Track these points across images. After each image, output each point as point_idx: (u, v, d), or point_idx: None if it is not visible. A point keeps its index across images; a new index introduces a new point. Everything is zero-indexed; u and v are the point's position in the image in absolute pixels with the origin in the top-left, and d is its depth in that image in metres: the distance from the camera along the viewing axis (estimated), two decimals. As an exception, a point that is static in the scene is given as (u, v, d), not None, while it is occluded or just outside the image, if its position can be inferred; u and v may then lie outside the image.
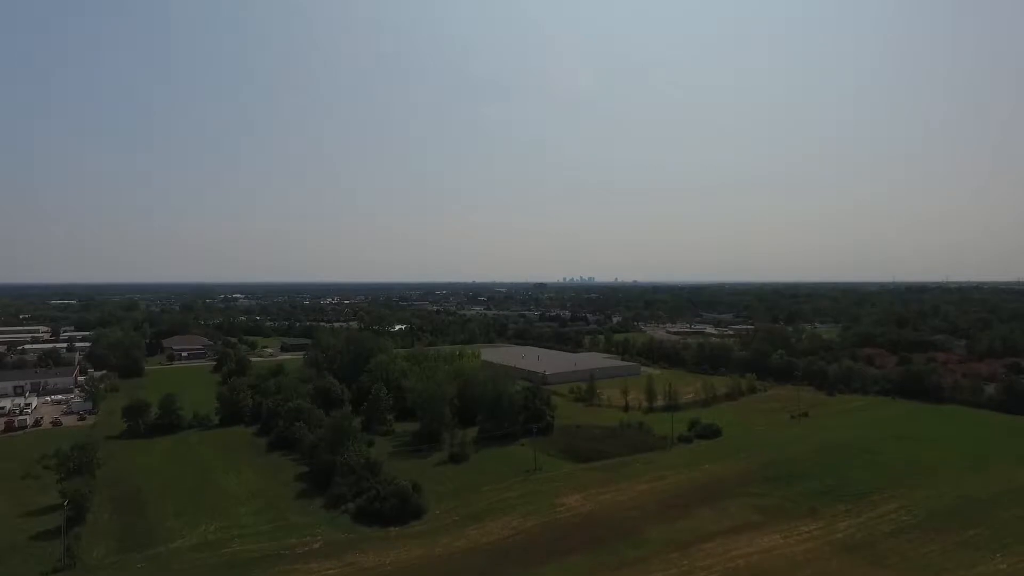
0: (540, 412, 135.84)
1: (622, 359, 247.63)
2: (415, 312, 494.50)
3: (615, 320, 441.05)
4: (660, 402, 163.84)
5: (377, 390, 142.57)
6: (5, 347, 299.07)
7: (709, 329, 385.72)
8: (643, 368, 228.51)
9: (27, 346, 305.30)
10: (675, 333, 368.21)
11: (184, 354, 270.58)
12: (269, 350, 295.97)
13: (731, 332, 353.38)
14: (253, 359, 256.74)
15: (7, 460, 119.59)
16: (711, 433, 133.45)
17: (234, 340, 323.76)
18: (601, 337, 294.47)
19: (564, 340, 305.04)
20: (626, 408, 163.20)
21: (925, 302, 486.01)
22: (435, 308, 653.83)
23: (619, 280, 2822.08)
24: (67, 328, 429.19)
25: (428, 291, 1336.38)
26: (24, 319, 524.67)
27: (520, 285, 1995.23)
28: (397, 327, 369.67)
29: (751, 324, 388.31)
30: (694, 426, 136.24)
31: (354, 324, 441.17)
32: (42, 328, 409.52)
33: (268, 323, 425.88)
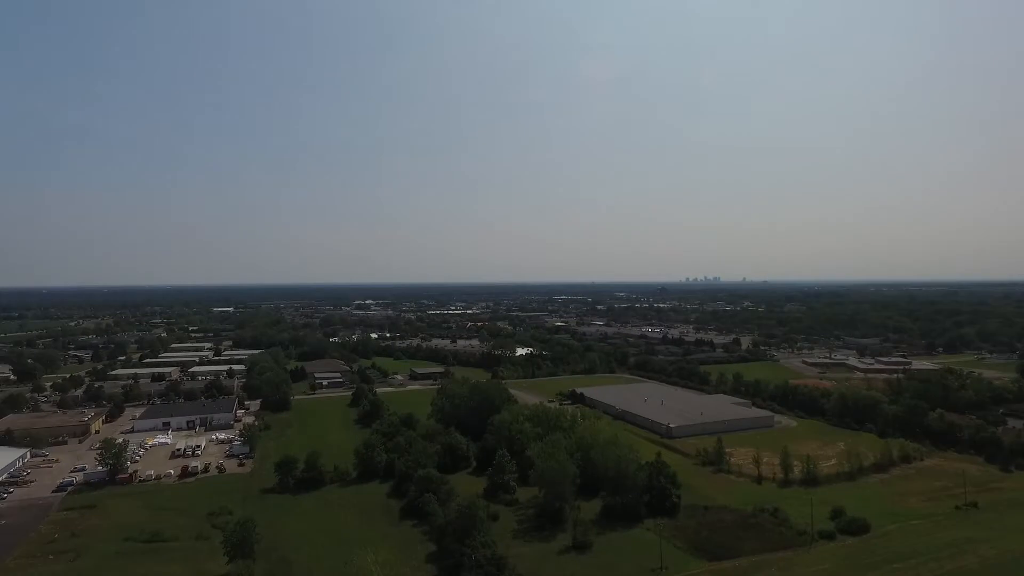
0: (665, 491, 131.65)
1: (752, 404, 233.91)
2: (535, 334, 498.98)
3: (744, 346, 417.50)
4: (797, 473, 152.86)
5: (500, 457, 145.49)
6: (179, 369, 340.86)
7: (852, 360, 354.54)
8: (777, 417, 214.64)
9: (196, 367, 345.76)
10: (812, 364, 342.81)
11: (324, 383, 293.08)
12: (399, 378, 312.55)
13: (878, 366, 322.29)
14: (384, 389, 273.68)
15: (184, 515, 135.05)
16: (858, 528, 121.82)
17: (368, 364, 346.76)
18: (730, 375, 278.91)
19: (688, 375, 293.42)
20: (759, 479, 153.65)
21: None
22: (556, 322, 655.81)
23: (747, 280, 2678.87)
24: (226, 342, 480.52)
25: (549, 296, 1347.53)
26: (192, 332, 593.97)
27: (641, 287, 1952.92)
28: (519, 351, 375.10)
29: (903, 355, 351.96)
30: (838, 517, 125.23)
31: (476, 343, 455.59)
32: (207, 345, 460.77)
33: (398, 344, 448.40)
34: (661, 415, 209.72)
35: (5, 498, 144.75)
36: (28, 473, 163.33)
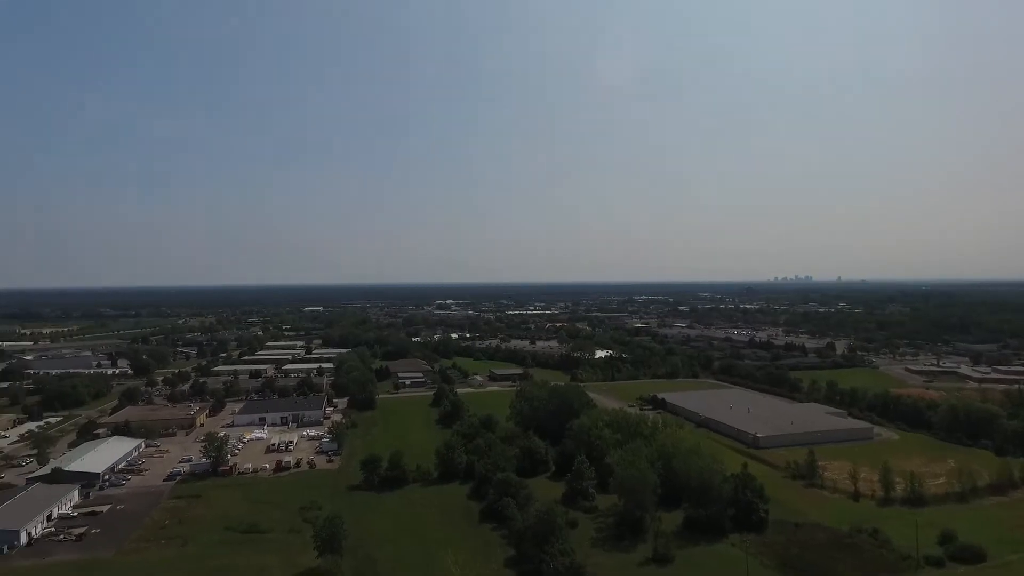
0: (751, 506, 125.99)
1: (848, 414, 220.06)
2: (615, 335, 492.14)
3: (839, 351, 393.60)
4: (899, 491, 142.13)
5: (579, 463, 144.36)
6: (274, 366, 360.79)
7: (964, 368, 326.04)
8: (876, 429, 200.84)
9: (289, 365, 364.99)
10: (917, 372, 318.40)
11: (407, 382, 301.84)
12: (479, 378, 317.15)
13: (995, 375, 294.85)
14: (464, 389, 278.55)
15: (278, 507, 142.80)
16: (972, 556, 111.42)
17: (449, 364, 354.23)
18: (823, 382, 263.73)
19: (777, 381, 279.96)
20: (855, 496, 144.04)
21: None
22: (636, 324, 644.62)
23: (843, 280, 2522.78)
24: (316, 341, 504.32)
25: (629, 296, 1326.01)
26: (286, 331, 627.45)
27: (726, 287, 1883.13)
28: (598, 353, 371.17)
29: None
30: (948, 542, 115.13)
31: (555, 344, 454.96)
32: (299, 344, 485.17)
33: (477, 344, 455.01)
34: (748, 424, 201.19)
35: (123, 485, 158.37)
36: (143, 462, 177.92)
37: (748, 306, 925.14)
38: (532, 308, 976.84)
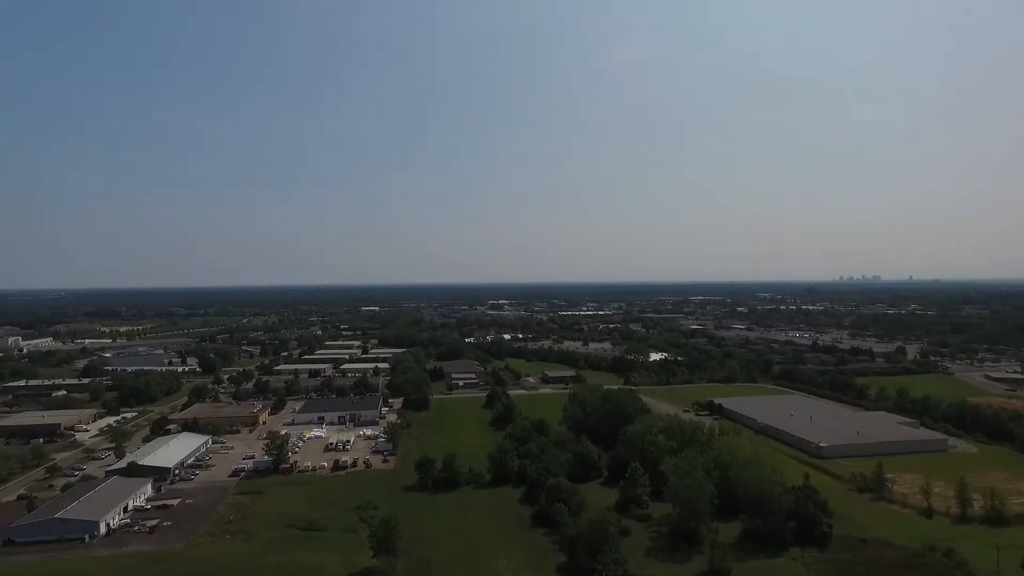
0: (814, 520, 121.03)
1: (921, 424, 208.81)
2: (670, 337, 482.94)
3: (910, 356, 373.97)
4: (977, 509, 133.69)
5: (633, 470, 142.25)
6: (332, 365, 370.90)
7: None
8: (951, 441, 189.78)
9: (346, 365, 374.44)
10: (998, 380, 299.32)
11: (460, 383, 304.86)
12: (531, 380, 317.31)
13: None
14: (517, 391, 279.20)
15: (335, 506, 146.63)
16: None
17: (502, 366, 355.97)
18: (892, 389, 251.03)
19: (842, 387, 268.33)
20: (928, 513, 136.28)
21: None
22: (692, 325, 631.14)
23: (914, 279, 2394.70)
24: (373, 341, 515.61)
25: (684, 296, 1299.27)
26: (343, 330, 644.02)
27: (787, 287, 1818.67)
28: (653, 356, 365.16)
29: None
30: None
31: (608, 346, 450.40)
32: (355, 343, 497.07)
33: (530, 345, 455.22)
34: (810, 432, 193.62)
35: (192, 479, 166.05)
36: (210, 458, 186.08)
37: (810, 307, 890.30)
38: (585, 308, 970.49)
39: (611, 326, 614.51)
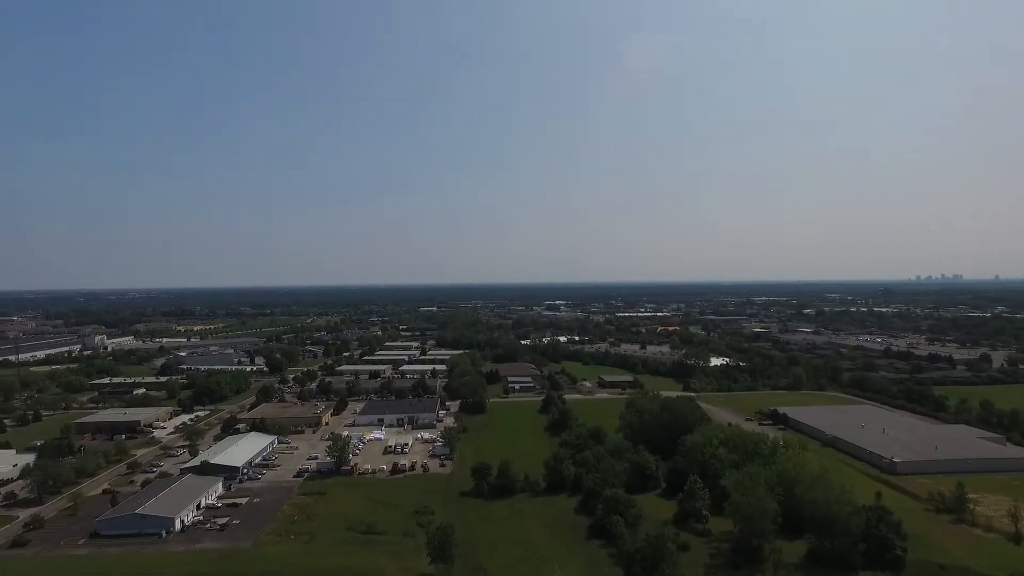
0: (886, 542, 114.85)
1: (1007, 440, 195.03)
2: (731, 341, 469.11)
3: (996, 364, 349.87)
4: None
5: (692, 483, 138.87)
6: (391, 367, 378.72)
7: None
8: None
9: (405, 366, 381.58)
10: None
11: (516, 387, 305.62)
12: (587, 384, 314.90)
13: None
14: (573, 396, 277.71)
15: (393, 510, 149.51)
16: None
17: (558, 369, 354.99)
18: (975, 401, 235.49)
19: (918, 398, 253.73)
20: (1016, 538, 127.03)
21: None
22: (755, 328, 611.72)
23: (1001, 278, 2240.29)
24: (431, 342, 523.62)
25: (747, 297, 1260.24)
26: (402, 331, 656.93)
27: (858, 287, 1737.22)
28: (713, 361, 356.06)
29: None
30: None
31: (667, 349, 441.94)
32: (414, 344, 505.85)
33: (586, 348, 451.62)
34: (883, 446, 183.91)
35: (259, 479, 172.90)
36: (276, 458, 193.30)
37: (884, 309, 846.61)
38: (642, 310, 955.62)
39: (670, 329, 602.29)
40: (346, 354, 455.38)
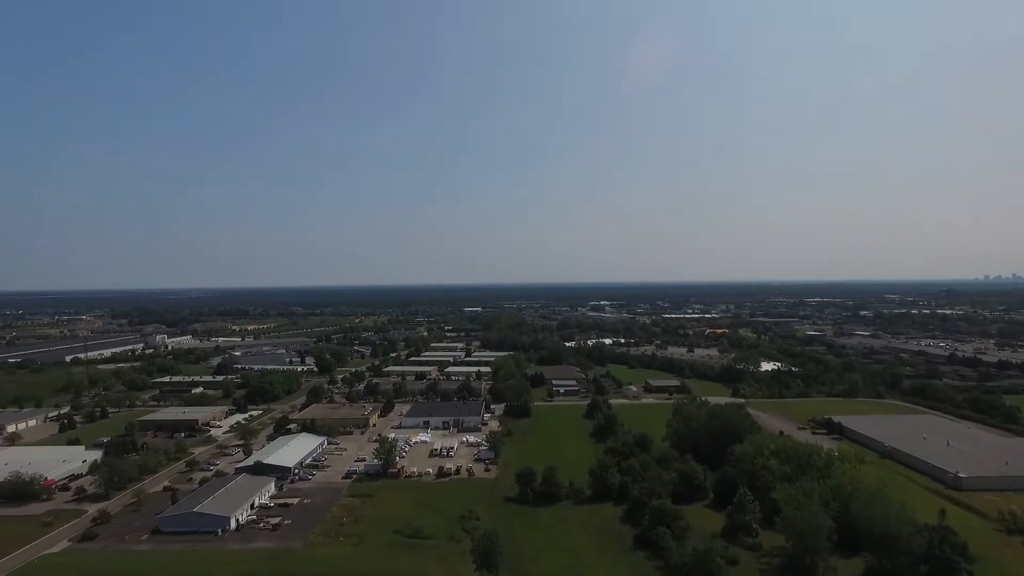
0: (951, 566, 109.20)
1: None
2: (783, 345, 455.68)
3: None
4: None
5: (742, 495, 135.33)
6: (437, 368, 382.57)
7: None
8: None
9: (450, 368, 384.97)
10: None
11: (561, 391, 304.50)
12: (633, 389, 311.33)
13: None
14: (618, 400, 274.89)
15: (439, 514, 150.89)
16: None
17: (603, 372, 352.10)
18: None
19: (986, 408, 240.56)
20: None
21: None
22: (808, 331, 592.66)
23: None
24: (475, 343, 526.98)
25: (799, 298, 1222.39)
26: (448, 331, 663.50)
27: (919, 287, 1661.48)
28: (764, 366, 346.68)
29: None
30: None
31: (716, 352, 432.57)
32: (459, 346, 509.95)
33: (632, 351, 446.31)
34: (946, 459, 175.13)
35: (309, 479, 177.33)
36: (326, 459, 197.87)
37: (948, 311, 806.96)
38: (690, 311, 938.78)
39: (718, 331, 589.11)
40: (393, 355, 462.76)
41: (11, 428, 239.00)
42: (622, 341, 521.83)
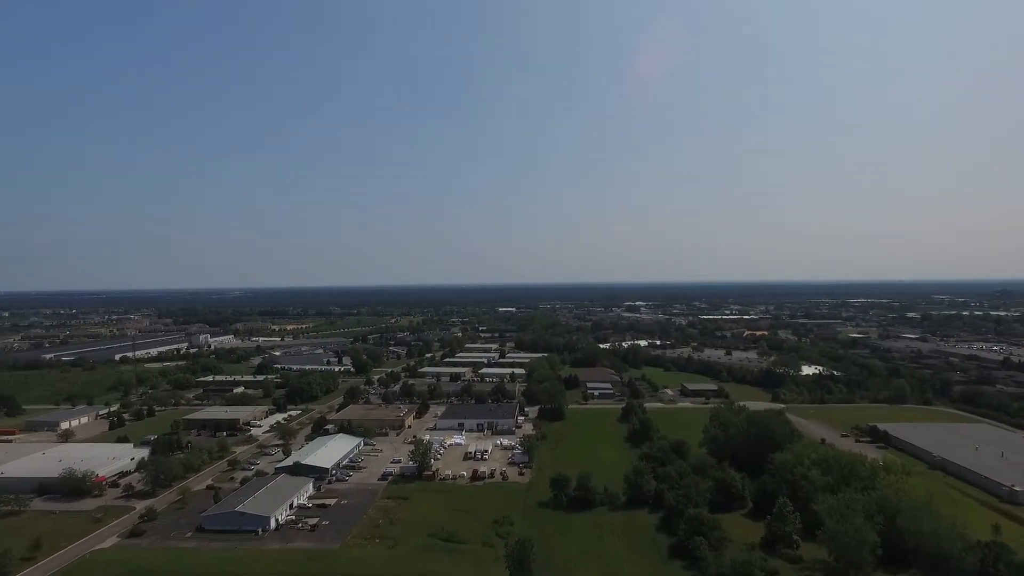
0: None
1: None
2: (825, 348, 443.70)
3: None
4: None
5: (781, 505, 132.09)
6: (471, 369, 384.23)
7: None
8: None
9: (484, 369, 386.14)
10: None
11: (596, 394, 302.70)
12: (669, 392, 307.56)
13: None
14: (653, 404, 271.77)
15: (473, 518, 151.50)
16: None
17: (638, 375, 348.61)
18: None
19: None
20: None
21: None
22: (851, 334, 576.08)
23: None
24: (509, 344, 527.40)
25: (842, 299, 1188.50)
26: (482, 332, 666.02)
27: (972, 287, 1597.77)
28: (805, 370, 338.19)
29: None
30: None
31: (754, 355, 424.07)
32: (493, 347, 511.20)
33: (667, 354, 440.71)
34: (1000, 471, 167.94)
35: (347, 480, 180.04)
36: (362, 460, 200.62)
37: (1002, 313, 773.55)
38: (727, 312, 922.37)
39: (757, 333, 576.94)
40: (428, 355, 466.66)
41: (65, 425, 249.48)
42: (657, 343, 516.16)
